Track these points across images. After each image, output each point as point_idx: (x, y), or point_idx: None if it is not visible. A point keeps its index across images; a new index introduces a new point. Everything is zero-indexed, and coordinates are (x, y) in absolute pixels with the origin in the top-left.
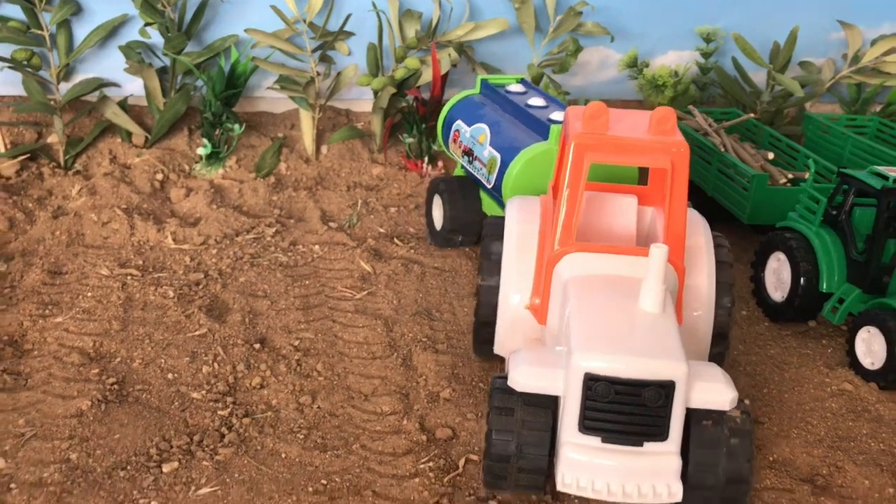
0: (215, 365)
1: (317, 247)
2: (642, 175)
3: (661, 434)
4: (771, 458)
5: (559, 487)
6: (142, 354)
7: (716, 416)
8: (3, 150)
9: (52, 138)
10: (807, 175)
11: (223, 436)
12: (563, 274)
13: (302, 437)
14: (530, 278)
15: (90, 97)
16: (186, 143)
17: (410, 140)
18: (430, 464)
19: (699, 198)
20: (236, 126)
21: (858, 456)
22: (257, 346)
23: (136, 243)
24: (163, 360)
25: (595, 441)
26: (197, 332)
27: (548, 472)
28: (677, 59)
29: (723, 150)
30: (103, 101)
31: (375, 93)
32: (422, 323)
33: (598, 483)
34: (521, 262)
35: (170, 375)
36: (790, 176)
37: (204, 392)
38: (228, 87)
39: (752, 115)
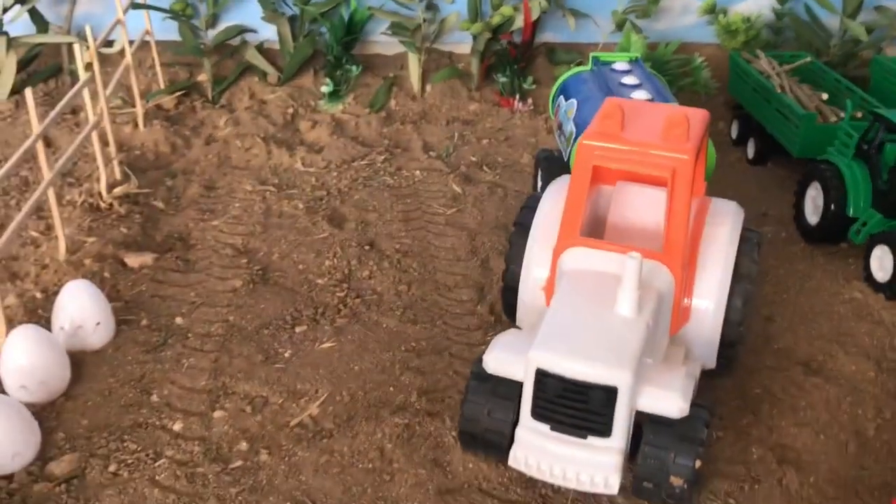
0: (335, 260)
1: (418, 172)
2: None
3: (604, 431)
4: (775, 347)
5: (510, 462)
6: (279, 250)
7: (667, 420)
8: (163, 87)
9: (202, 77)
10: (844, 113)
11: (340, 310)
12: (564, 266)
13: (399, 313)
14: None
15: (233, 42)
16: (312, 81)
17: (504, 79)
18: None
19: (759, 132)
20: (354, 67)
21: (852, 348)
22: (367, 247)
23: (272, 166)
24: (295, 255)
25: (545, 428)
26: (320, 236)
27: (510, 441)
28: (755, 6)
29: (780, 91)
30: (244, 45)
31: (474, 37)
32: (500, 235)
33: (542, 465)
34: (546, 242)
35: (300, 266)
36: (841, 115)
37: (326, 279)
38: (348, 33)
39: (808, 59)
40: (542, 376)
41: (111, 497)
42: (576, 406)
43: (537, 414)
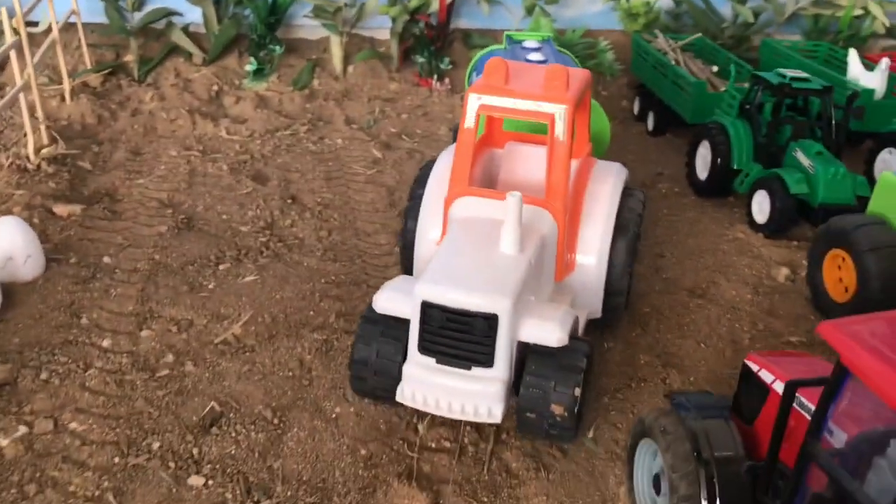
0: (258, 211)
1: (340, 140)
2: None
3: (487, 361)
4: (664, 276)
5: (398, 398)
6: (203, 203)
7: (548, 350)
8: (90, 66)
9: (128, 57)
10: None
11: (262, 252)
12: (453, 215)
13: (319, 254)
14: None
15: (159, 24)
16: (237, 62)
17: (422, 60)
18: None
19: (658, 105)
20: (278, 47)
21: (733, 277)
22: (289, 201)
23: (197, 135)
24: (219, 207)
25: (430, 362)
26: (244, 192)
27: (399, 381)
28: None
29: (674, 64)
30: (170, 27)
31: (393, 20)
32: None
33: (429, 398)
34: (439, 202)
35: (224, 216)
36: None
37: (249, 227)
38: (271, 14)
39: (699, 34)
40: (427, 308)
41: (42, 400)
42: (459, 337)
43: (423, 348)
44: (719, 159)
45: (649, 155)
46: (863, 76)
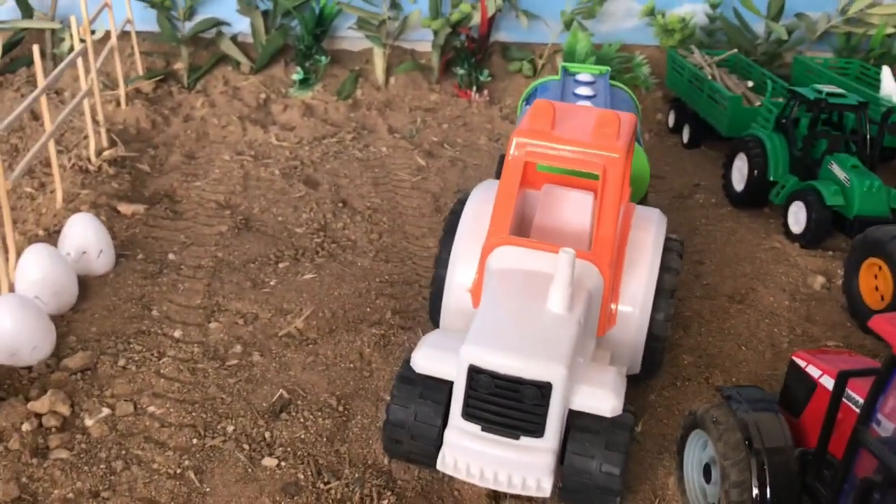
0: (311, 214)
1: (384, 148)
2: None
3: (537, 431)
4: (704, 283)
5: (438, 466)
6: (259, 205)
7: (596, 420)
8: (142, 73)
9: (179, 65)
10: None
11: (318, 252)
12: (492, 265)
13: (372, 255)
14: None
15: (208, 34)
16: (283, 71)
17: (462, 72)
18: None
19: (693, 118)
20: (323, 58)
21: (770, 284)
22: (340, 205)
23: (247, 141)
24: (274, 209)
25: (475, 428)
26: (297, 195)
27: (438, 446)
28: (690, 9)
29: (710, 78)
30: (219, 36)
31: (435, 33)
32: None
33: (473, 468)
34: (473, 244)
35: (279, 218)
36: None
37: (304, 228)
38: (318, 25)
39: (734, 50)
40: (474, 373)
41: (122, 385)
42: (509, 404)
43: (468, 414)
44: (756, 171)
45: (685, 166)
46: (895, 93)
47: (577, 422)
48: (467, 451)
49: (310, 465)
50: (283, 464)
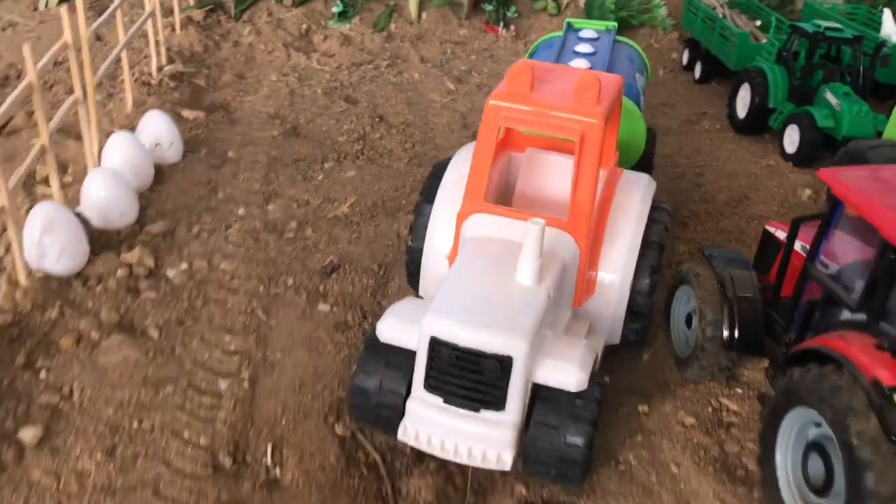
0: (351, 125)
1: (416, 74)
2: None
3: (498, 404)
4: (703, 191)
5: (399, 436)
6: (304, 117)
7: (561, 394)
8: (193, 3)
9: None
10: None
11: (358, 156)
12: (466, 233)
13: (406, 161)
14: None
15: None
16: (323, 4)
17: (490, 9)
18: None
19: (704, 56)
20: None
21: (763, 194)
22: (377, 119)
23: (291, 65)
24: (318, 121)
25: (437, 400)
26: (338, 110)
27: (402, 414)
28: None
29: (721, 16)
30: None
31: None
32: None
33: (434, 439)
34: (451, 210)
35: (323, 128)
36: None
37: (345, 138)
38: None
39: None
40: (435, 345)
41: (196, 246)
42: (469, 377)
43: (430, 385)
44: (758, 98)
45: (695, 99)
46: (895, 34)
47: (542, 393)
48: (428, 422)
49: (356, 311)
50: (334, 309)
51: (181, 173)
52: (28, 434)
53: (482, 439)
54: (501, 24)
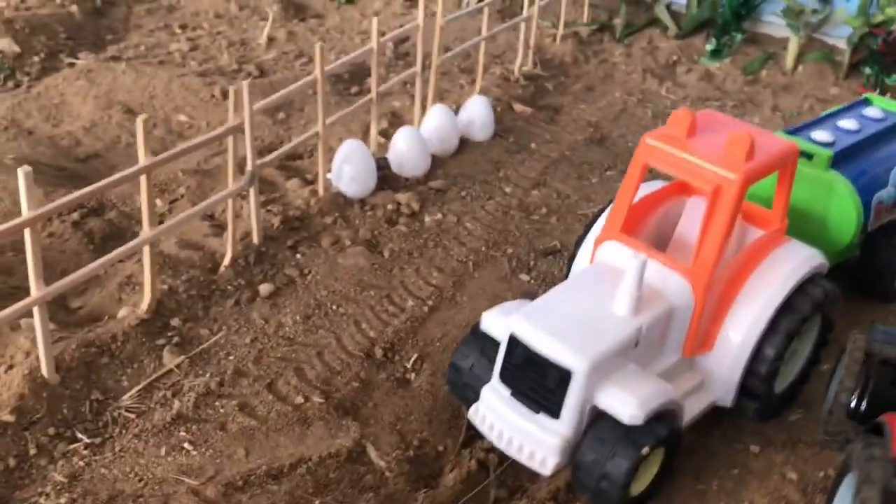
0: None
1: (756, 119)
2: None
3: (554, 412)
4: None
5: (470, 415)
6: (619, 132)
7: (616, 423)
8: (585, 21)
9: (616, 20)
10: None
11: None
12: (597, 258)
13: None
14: None
15: None
16: (702, 41)
17: (869, 72)
18: None
19: None
20: (739, 35)
21: None
22: None
23: (641, 88)
24: (629, 137)
25: (506, 392)
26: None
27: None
28: None
29: None
30: (656, 2)
31: (853, 30)
32: None
33: (496, 427)
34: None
35: (630, 144)
36: None
37: None
38: (743, 6)
39: None
40: (513, 342)
41: (456, 205)
42: (536, 379)
43: (503, 377)
44: None
45: None
46: None
47: (600, 418)
48: (495, 409)
49: (548, 287)
50: (532, 282)
51: (480, 150)
52: (264, 289)
53: (534, 439)
54: (878, 89)
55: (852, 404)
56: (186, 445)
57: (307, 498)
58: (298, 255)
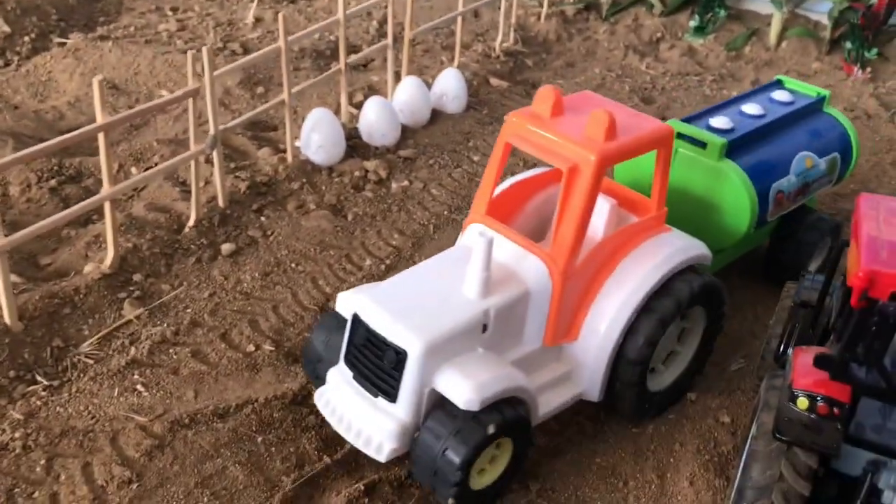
0: None
1: (734, 92)
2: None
3: (391, 395)
4: None
5: (315, 398)
6: None
7: (456, 408)
8: (573, 0)
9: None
10: None
11: None
12: (462, 239)
13: None
14: None
15: None
16: (686, 17)
17: (850, 47)
18: None
19: None
20: (722, 11)
21: None
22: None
23: (622, 64)
24: None
25: (349, 375)
26: (629, 104)
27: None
28: None
29: None
30: None
31: (833, 4)
32: None
33: (337, 410)
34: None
35: None
36: None
37: None
38: None
39: None
40: (356, 322)
41: (424, 172)
42: (374, 361)
43: (346, 359)
44: None
45: None
46: None
47: (441, 403)
48: (338, 392)
49: None
50: None
51: (452, 121)
52: (226, 248)
53: (371, 424)
54: (858, 64)
55: (781, 349)
56: (139, 387)
57: (250, 435)
58: (263, 218)
